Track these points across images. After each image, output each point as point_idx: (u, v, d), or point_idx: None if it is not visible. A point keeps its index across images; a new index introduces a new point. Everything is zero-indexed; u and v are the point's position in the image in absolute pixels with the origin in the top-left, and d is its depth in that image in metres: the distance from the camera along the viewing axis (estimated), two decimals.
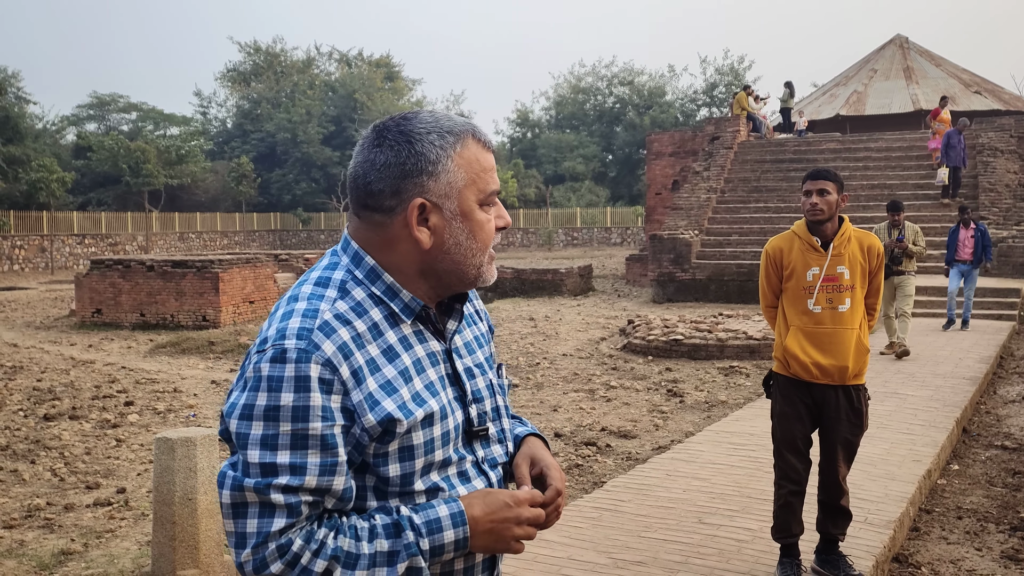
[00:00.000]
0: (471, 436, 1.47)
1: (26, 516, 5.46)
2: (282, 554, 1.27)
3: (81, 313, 16.08)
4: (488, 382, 1.54)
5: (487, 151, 1.45)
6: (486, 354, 1.57)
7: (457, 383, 1.46)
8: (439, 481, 1.41)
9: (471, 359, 1.52)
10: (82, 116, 53.65)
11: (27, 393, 9.37)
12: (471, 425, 1.47)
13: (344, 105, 52.45)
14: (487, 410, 1.51)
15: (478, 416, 1.49)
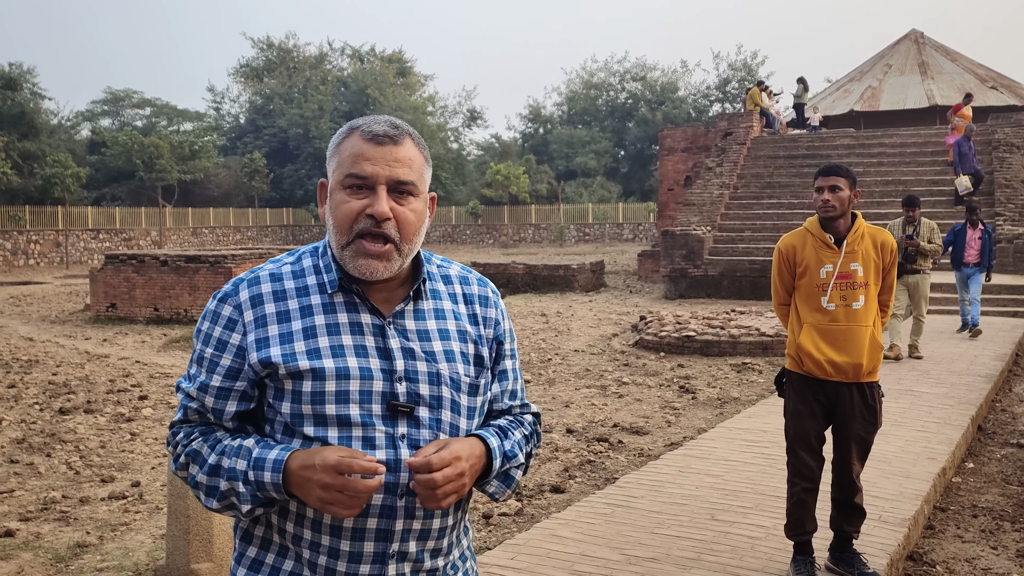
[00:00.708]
0: (394, 410, 1.55)
1: (42, 509, 5.50)
2: (170, 439, 1.63)
3: (96, 307, 16.18)
4: (435, 371, 1.59)
5: (368, 142, 1.56)
6: (449, 348, 1.61)
7: (387, 357, 1.57)
8: (332, 437, 1.52)
9: (419, 344, 1.59)
10: (97, 112, 53.90)
11: (43, 387, 9.44)
12: (396, 399, 1.55)
13: (356, 101, 52.51)
14: (422, 394, 1.57)
15: (407, 395, 1.56)
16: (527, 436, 1.71)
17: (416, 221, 1.57)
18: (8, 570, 4.39)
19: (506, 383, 1.73)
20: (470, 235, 48.35)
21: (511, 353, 1.74)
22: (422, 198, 1.59)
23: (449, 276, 1.70)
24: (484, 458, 1.57)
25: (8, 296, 21.45)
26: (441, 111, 59.02)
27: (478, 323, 1.67)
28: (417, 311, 1.61)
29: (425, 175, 1.61)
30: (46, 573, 4.40)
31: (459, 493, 1.51)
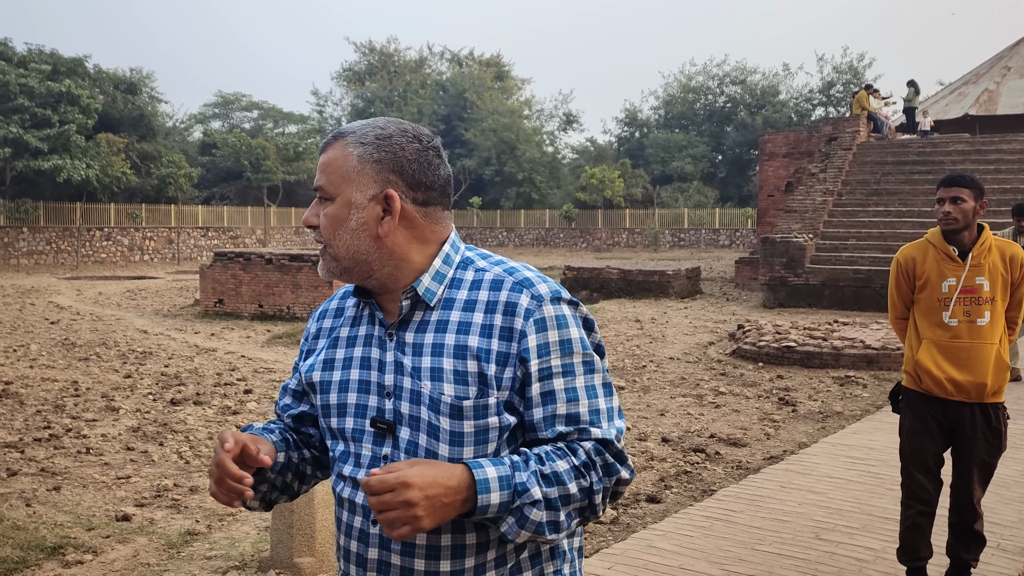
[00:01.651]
0: (376, 428, 1.52)
1: (155, 496, 5.75)
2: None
3: (204, 303, 16.85)
4: (416, 388, 1.48)
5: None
6: (438, 364, 1.47)
7: (382, 371, 1.53)
8: (338, 450, 1.57)
9: (410, 359, 1.50)
10: (208, 114, 56.22)
11: (155, 378, 9.88)
12: (381, 416, 1.51)
13: (454, 104, 53.18)
14: (403, 413, 1.50)
15: (392, 412, 1.51)
16: (577, 468, 1.43)
17: (328, 225, 1.52)
18: (125, 552, 4.60)
19: (553, 406, 1.46)
20: (563, 238, 48.32)
21: (561, 371, 1.47)
22: (339, 201, 1.51)
23: (480, 281, 1.52)
24: (465, 490, 1.35)
25: (125, 290, 22.56)
26: (537, 115, 59.22)
27: (493, 335, 1.47)
28: (422, 322, 1.52)
29: (350, 175, 1.50)
30: (159, 558, 4.59)
31: (410, 525, 1.31)
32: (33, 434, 7.30)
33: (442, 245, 1.57)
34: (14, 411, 8.17)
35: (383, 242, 1.51)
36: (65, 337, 13.24)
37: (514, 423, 1.48)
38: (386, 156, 1.51)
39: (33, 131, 32.87)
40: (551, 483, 1.40)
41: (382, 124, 1.54)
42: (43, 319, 15.73)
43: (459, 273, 1.55)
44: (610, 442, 1.47)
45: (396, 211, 1.51)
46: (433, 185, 1.55)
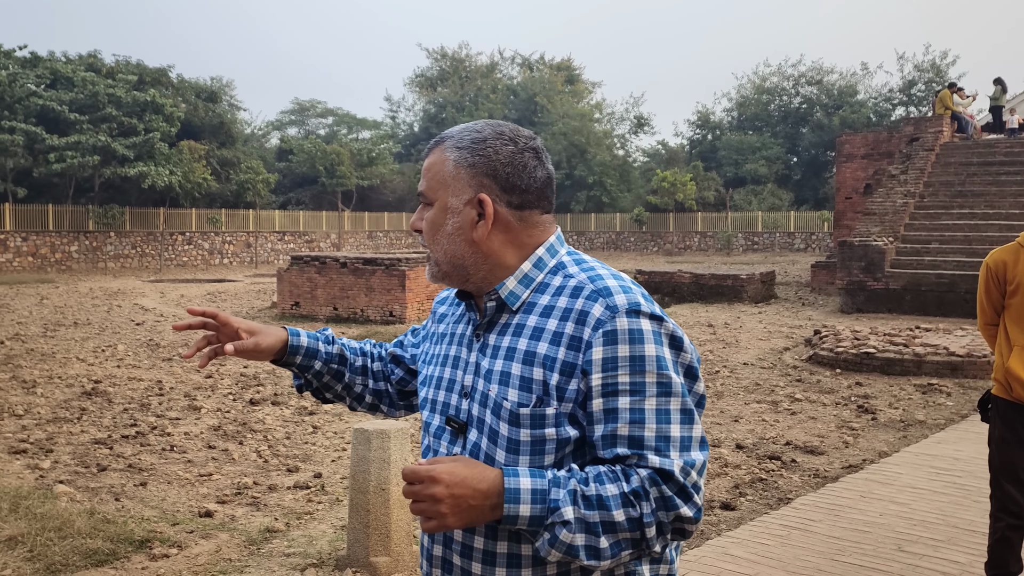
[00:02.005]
0: (451, 427, 1.55)
1: (236, 493, 5.91)
2: None
3: (281, 305, 17.25)
4: (485, 391, 1.48)
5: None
6: (507, 369, 1.46)
7: (465, 370, 1.55)
8: (424, 443, 1.64)
9: (487, 360, 1.51)
10: (285, 121, 57.60)
11: (235, 378, 10.16)
12: (456, 415, 1.54)
13: (525, 108, 53.35)
14: (473, 414, 1.51)
15: (464, 412, 1.53)
16: (627, 495, 1.33)
17: (428, 230, 1.55)
18: (208, 548, 4.75)
19: (614, 426, 1.38)
20: (634, 242, 47.99)
21: (628, 388, 1.38)
22: (437, 206, 1.53)
23: (564, 287, 1.48)
24: (495, 496, 1.33)
25: (205, 292, 23.26)
26: (608, 118, 58.99)
27: (561, 343, 1.43)
28: (504, 325, 1.52)
29: (446, 180, 1.52)
30: (240, 554, 4.72)
31: (436, 520, 1.32)
32: (121, 431, 7.59)
33: (538, 248, 1.54)
34: (103, 409, 8.49)
35: (478, 246, 1.51)
36: (150, 338, 13.71)
37: (576, 437, 1.42)
38: (480, 160, 1.51)
39: (120, 139, 34.15)
40: (591, 506, 1.32)
41: (479, 127, 1.54)
42: (129, 320, 16.33)
43: (549, 278, 1.52)
44: (670, 474, 1.35)
45: (489, 215, 1.50)
46: (529, 188, 1.52)
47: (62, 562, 4.44)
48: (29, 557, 4.48)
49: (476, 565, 1.46)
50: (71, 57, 39.48)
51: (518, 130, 1.55)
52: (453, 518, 1.32)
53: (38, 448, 7.02)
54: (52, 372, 10.45)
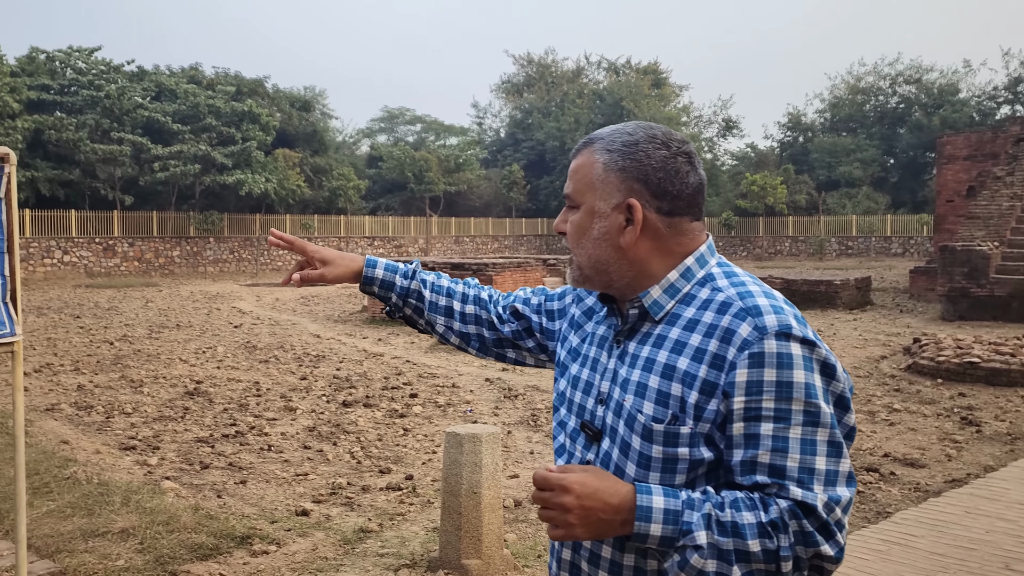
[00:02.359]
0: (586, 432, 1.53)
1: (331, 493, 6.08)
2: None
3: (372, 309, 17.61)
4: (621, 401, 1.45)
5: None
6: (645, 381, 1.43)
7: (602, 375, 1.53)
8: (559, 441, 1.62)
9: (626, 369, 1.48)
10: (375, 129, 58.87)
11: (328, 380, 10.43)
12: (590, 420, 1.52)
13: (611, 113, 53.12)
14: (607, 422, 1.49)
15: (600, 419, 1.51)
16: (764, 526, 1.27)
17: (573, 233, 1.51)
18: (305, 546, 4.90)
19: (754, 452, 1.31)
20: (722, 247, 47.21)
21: (772, 415, 1.31)
22: (584, 209, 1.49)
23: (711, 301, 1.42)
24: (626, 512, 1.30)
25: (299, 296, 23.92)
26: (695, 121, 58.25)
27: (703, 361, 1.37)
28: (647, 333, 1.47)
29: (595, 183, 1.48)
30: (336, 552, 4.85)
31: (564, 529, 1.30)
32: (221, 430, 7.89)
33: (686, 257, 1.48)
34: (204, 409, 8.84)
35: (624, 252, 1.47)
36: (247, 340, 14.19)
37: (710, 459, 1.37)
38: (631, 164, 1.46)
39: (219, 148, 35.47)
40: (726, 533, 1.27)
41: (630, 130, 1.49)
42: (227, 323, 16.93)
43: (696, 289, 1.46)
44: (813, 508, 1.28)
45: (638, 221, 1.45)
46: (680, 194, 1.46)
47: (170, 555, 4.64)
48: (140, 549, 4.71)
49: (603, 574, 1.46)
50: (174, 70, 41.23)
51: (670, 133, 1.50)
52: (581, 529, 1.30)
53: (146, 445, 7.36)
54: (157, 372, 10.93)
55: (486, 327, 1.86)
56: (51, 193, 33.54)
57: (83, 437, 7.55)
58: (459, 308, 1.87)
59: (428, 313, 1.87)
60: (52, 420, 8.21)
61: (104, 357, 12.19)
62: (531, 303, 1.84)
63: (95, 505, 5.37)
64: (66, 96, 35.75)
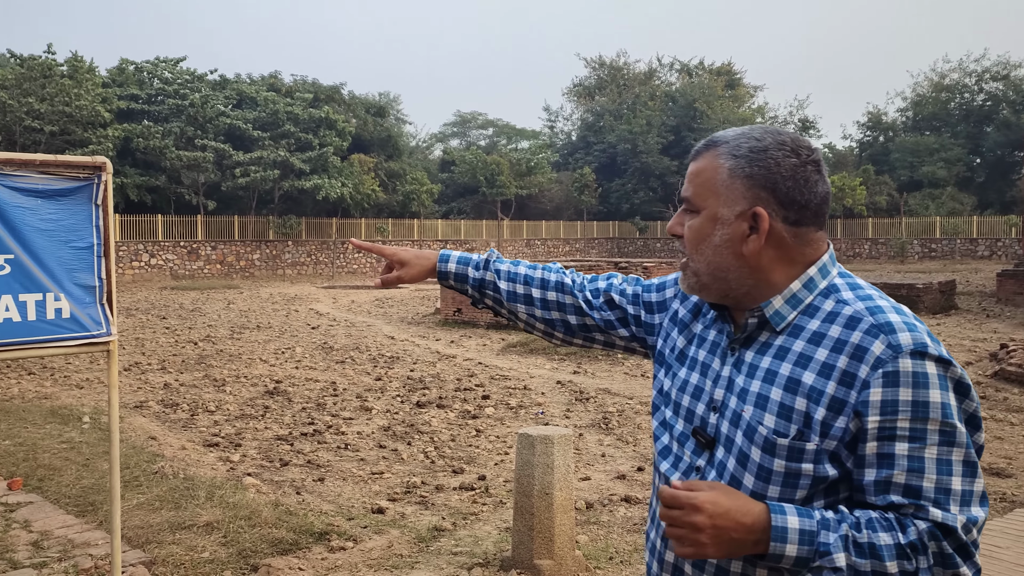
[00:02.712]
0: (698, 439, 1.50)
1: (405, 492, 6.20)
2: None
3: (444, 311, 17.83)
4: (739, 411, 1.42)
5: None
6: (766, 392, 1.39)
7: (715, 382, 1.50)
8: (663, 441, 1.59)
9: (743, 379, 1.44)
10: (447, 133, 59.55)
11: (402, 381, 10.62)
12: (703, 427, 1.49)
13: (684, 115, 52.62)
14: (722, 431, 1.45)
15: (714, 427, 1.47)
16: (902, 547, 1.25)
17: (692, 238, 1.47)
18: (381, 543, 5.02)
19: (889, 472, 1.29)
20: None
21: (907, 435, 1.29)
22: (704, 214, 1.45)
23: (837, 315, 1.38)
24: (760, 532, 1.28)
25: (374, 298, 24.35)
26: (771, 122, 57.23)
27: (832, 377, 1.34)
28: (765, 344, 1.44)
29: (718, 188, 1.44)
30: (411, 550, 4.96)
31: (694, 548, 1.28)
32: (300, 429, 8.11)
33: (809, 267, 1.44)
34: (284, 408, 9.10)
35: (746, 260, 1.43)
36: (324, 341, 14.52)
37: (834, 476, 1.33)
38: (759, 171, 1.41)
39: (297, 154, 36.37)
40: (863, 554, 1.25)
41: (758, 135, 1.44)
42: (305, 324, 17.35)
43: (819, 300, 1.42)
44: (952, 531, 1.26)
45: (764, 230, 1.41)
46: (808, 204, 1.41)
47: (251, 548, 4.81)
48: (224, 542, 4.89)
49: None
50: (255, 78, 42.41)
51: (799, 140, 1.45)
52: (713, 548, 1.28)
53: (228, 442, 7.61)
54: (239, 372, 11.28)
55: (571, 313, 1.81)
56: (139, 198, 34.86)
57: (169, 433, 7.85)
58: (539, 295, 1.82)
59: (507, 303, 1.84)
60: (141, 417, 8.56)
61: (189, 357, 12.64)
62: (627, 293, 1.78)
63: (181, 499, 5.59)
64: (153, 105, 37.13)
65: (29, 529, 4.77)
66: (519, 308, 1.83)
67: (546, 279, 1.83)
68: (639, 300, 1.76)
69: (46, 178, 2.98)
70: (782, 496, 1.35)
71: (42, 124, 31.00)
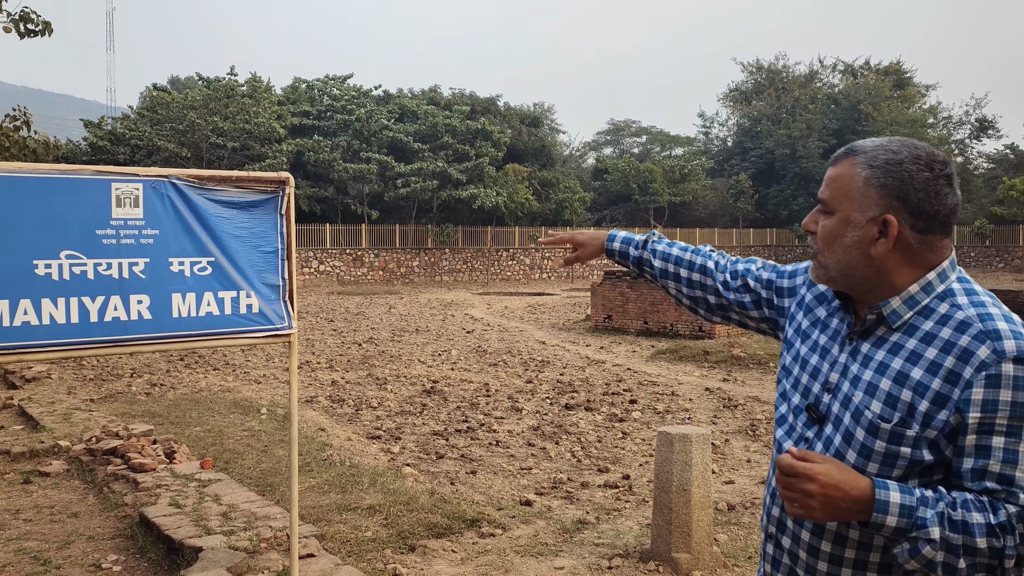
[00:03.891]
0: (809, 413, 1.65)
1: (552, 487, 6.48)
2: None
3: (594, 318, 18.05)
4: (850, 395, 1.57)
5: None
6: (876, 382, 1.55)
7: (832, 366, 1.65)
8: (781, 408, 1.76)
9: (856, 367, 1.59)
10: (600, 141, 59.71)
11: (552, 384, 10.93)
12: (816, 404, 1.64)
13: (847, 117, 50.50)
14: (833, 411, 1.61)
15: (824, 405, 1.63)
16: (992, 526, 1.42)
17: (824, 236, 1.61)
18: (527, 532, 5.31)
19: (985, 461, 1.45)
20: (975, 257, 43.38)
21: (1005, 430, 1.44)
22: (839, 217, 1.59)
23: (950, 318, 1.52)
24: (865, 503, 1.45)
25: (526, 305, 24.89)
26: (944, 123, 53.98)
27: (938, 374, 1.48)
28: (880, 338, 1.59)
29: (855, 194, 1.57)
30: (555, 540, 5.23)
31: (805, 510, 1.47)
32: (454, 426, 8.56)
33: (929, 271, 1.57)
34: (440, 406, 9.60)
35: (873, 261, 1.57)
36: (478, 345, 15.07)
37: (930, 461, 1.49)
38: (893, 182, 1.53)
39: (455, 164, 37.61)
40: (956, 530, 1.42)
41: (895, 148, 1.56)
42: (461, 329, 18.02)
43: (935, 303, 1.56)
44: None
45: (892, 236, 1.54)
46: (936, 215, 1.54)
47: (409, 531, 5.22)
48: (384, 523, 5.33)
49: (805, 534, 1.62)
50: (415, 92, 44.19)
51: (934, 154, 1.55)
52: (820, 512, 1.46)
53: (389, 436, 8.15)
54: (399, 372, 11.94)
55: (711, 293, 2.03)
56: (309, 208, 37.07)
57: (336, 426, 8.49)
58: (685, 275, 2.07)
59: (660, 279, 2.12)
60: (311, 410, 9.28)
61: (353, 357, 13.46)
62: (762, 279, 1.97)
63: (347, 484, 6.10)
64: (323, 120, 39.41)
65: (219, 502, 5.38)
66: (669, 284, 2.11)
67: (693, 261, 2.08)
68: (772, 285, 1.94)
69: (240, 191, 3.46)
70: (880, 473, 1.51)
71: (225, 140, 33.59)
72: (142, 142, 33.91)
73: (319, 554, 4.51)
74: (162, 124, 34.38)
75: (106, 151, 33.80)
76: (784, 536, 1.68)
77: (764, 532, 1.77)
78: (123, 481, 5.99)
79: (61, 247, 3.06)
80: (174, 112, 33.98)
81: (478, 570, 4.72)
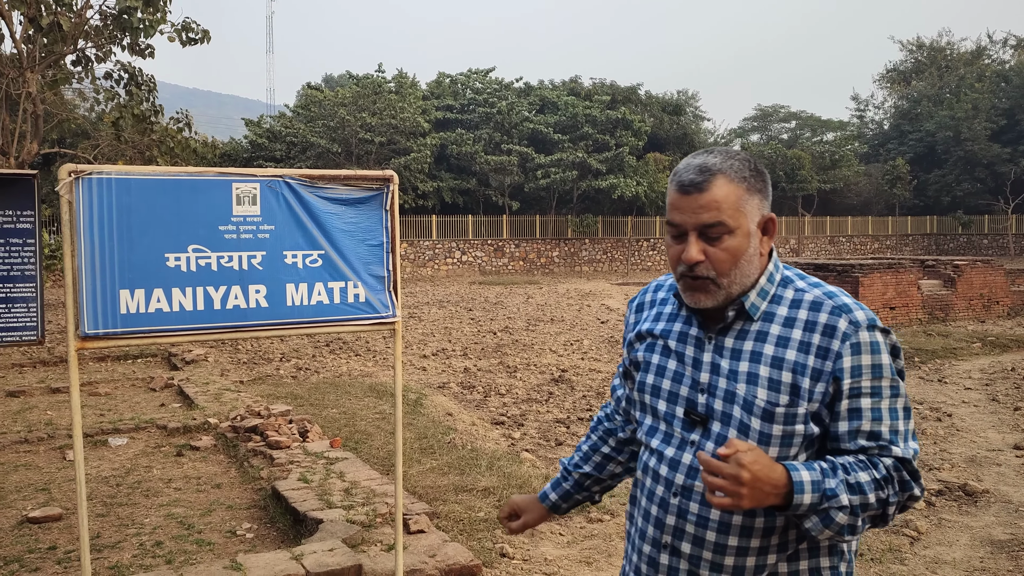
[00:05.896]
0: (689, 417, 1.71)
1: None
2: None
3: None
4: (732, 389, 1.65)
5: (677, 192, 1.70)
6: (755, 371, 1.64)
7: (698, 368, 1.72)
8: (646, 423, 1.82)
9: (727, 362, 1.68)
10: (747, 128, 57.98)
11: None
12: (693, 408, 1.71)
13: (1019, 95, 46.84)
14: (715, 408, 1.67)
15: (704, 406, 1.69)
16: (877, 481, 1.56)
17: (729, 258, 1.65)
18: None
19: (857, 423, 1.60)
20: None
21: (869, 391, 1.60)
22: (740, 232, 1.65)
23: (801, 301, 1.67)
24: (783, 487, 1.51)
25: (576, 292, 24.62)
26: None
27: (810, 352, 1.62)
28: (742, 331, 1.68)
29: (744, 207, 1.65)
30: None
31: (732, 499, 1.49)
32: (578, 414, 8.69)
33: (767, 262, 1.73)
34: (566, 394, 9.75)
35: (760, 260, 1.71)
36: (611, 335, 15.12)
37: (817, 433, 1.62)
38: (762, 185, 1.71)
39: (594, 154, 37.60)
40: (855, 491, 1.54)
41: (738, 156, 1.70)
42: (595, 319, 18.11)
43: (780, 290, 1.71)
44: (907, 460, 1.61)
45: (773, 232, 1.72)
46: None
47: None
48: (497, 505, 5.53)
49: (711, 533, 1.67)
50: (556, 83, 44.39)
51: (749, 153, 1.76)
52: (748, 501, 1.50)
53: (512, 422, 8.38)
54: (530, 360, 12.17)
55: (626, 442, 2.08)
56: (452, 200, 38.05)
57: (463, 411, 8.80)
58: (609, 451, 2.10)
59: (608, 481, 2.13)
60: (442, 396, 9.64)
61: (488, 345, 13.82)
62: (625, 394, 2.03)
63: (466, 466, 6.35)
64: (465, 114, 40.30)
65: (343, 479, 5.74)
66: (615, 470, 2.11)
67: (601, 437, 2.11)
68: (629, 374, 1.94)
69: (348, 189, 3.72)
70: (779, 456, 1.62)
71: (372, 135, 34.95)
72: (297, 139, 35.81)
73: (429, 530, 4.76)
74: (315, 121, 36.16)
75: (264, 148, 35.92)
76: (684, 542, 1.70)
77: (652, 545, 1.76)
78: (261, 456, 6.48)
79: (189, 241, 3.40)
80: (326, 109, 35.64)
81: (582, 553, 4.85)
